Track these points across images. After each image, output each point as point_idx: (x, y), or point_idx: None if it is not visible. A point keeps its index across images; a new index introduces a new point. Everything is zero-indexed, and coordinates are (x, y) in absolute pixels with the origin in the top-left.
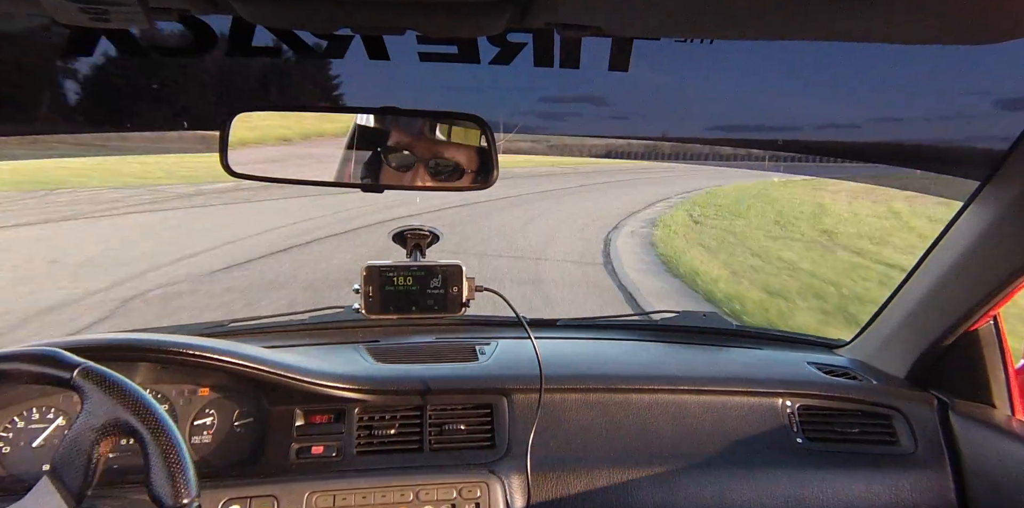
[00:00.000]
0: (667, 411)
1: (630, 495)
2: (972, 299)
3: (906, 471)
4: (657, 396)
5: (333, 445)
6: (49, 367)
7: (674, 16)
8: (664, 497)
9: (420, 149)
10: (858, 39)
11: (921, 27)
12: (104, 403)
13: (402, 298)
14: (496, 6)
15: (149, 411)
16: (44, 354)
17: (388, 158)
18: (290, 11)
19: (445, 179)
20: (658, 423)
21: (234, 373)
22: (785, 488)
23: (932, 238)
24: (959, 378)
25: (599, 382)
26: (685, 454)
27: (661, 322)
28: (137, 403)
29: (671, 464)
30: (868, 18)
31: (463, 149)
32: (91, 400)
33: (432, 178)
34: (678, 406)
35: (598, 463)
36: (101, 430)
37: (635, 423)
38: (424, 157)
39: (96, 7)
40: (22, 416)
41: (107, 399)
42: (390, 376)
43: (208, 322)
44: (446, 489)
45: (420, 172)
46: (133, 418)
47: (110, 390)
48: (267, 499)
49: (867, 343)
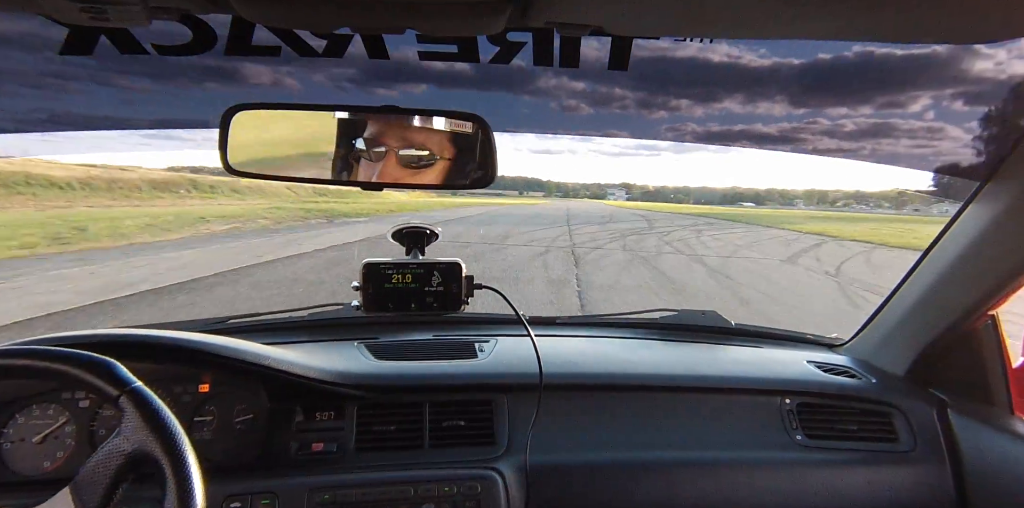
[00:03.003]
0: (667, 408)
1: (629, 491)
2: (971, 298)
3: (905, 469)
4: (657, 394)
5: (333, 442)
6: (102, 379)
7: (674, 15)
8: (663, 493)
9: (390, 137)
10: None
11: (921, 26)
12: (140, 430)
13: (401, 295)
14: (496, 5)
15: (177, 445)
16: (102, 364)
17: (361, 149)
18: (290, 10)
19: (421, 168)
20: (658, 420)
21: (234, 370)
22: (785, 485)
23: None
24: (958, 376)
25: (598, 380)
26: (684, 451)
27: (661, 320)
28: (170, 437)
29: (671, 460)
30: (869, 17)
31: (435, 134)
32: (129, 423)
33: (405, 167)
34: (678, 404)
35: (597, 460)
36: (131, 457)
37: (634, 420)
38: (394, 145)
39: (96, 6)
40: (24, 412)
41: (144, 427)
42: (390, 373)
43: (208, 319)
44: (446, 486)
45: (392, 161)
46: (161, 451)
47: (149, 418)
48: (267, 495)
49: (866, 341)
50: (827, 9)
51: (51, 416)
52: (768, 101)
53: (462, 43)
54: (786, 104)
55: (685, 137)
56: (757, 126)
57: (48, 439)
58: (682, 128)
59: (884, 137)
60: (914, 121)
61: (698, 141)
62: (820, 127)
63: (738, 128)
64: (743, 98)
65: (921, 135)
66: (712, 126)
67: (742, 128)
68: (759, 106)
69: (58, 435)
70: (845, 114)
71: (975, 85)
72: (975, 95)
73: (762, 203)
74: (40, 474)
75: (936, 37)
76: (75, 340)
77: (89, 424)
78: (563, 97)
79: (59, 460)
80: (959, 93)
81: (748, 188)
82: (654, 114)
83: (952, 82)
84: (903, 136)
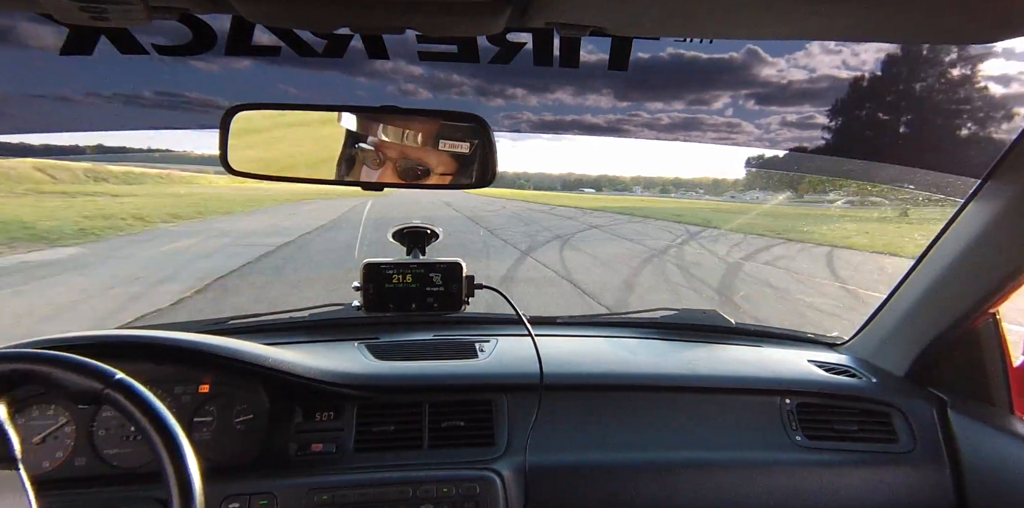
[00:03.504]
0: (667, 408)
1: (628, 492)
2: (972, 297)
3: (905, 468)
4: (657, 394)
5: (332, 442)
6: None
7: (673, 16)
8: (663, 494)
9: (389, 150)
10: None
11: (920, 26)
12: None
13: (402, 296)
14: (496, 6)
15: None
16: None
17: (361, 157)
18: (290, 10)
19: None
20: (657, 420)
21: (234, 370)
22: (784, 485)
23: None
24: (958, 376)
25: (599, 380)
26: (684, 451)
27: (661, 320)
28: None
29: (670, 461)
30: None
31: (433, 153)
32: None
33: (403, 176)
34: (678, 403)
35: (597, 460)
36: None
37: (634, 420)
38: (393, 158)
39: (96, 6)
40: (23, 413)
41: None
42: (389, 373)
43: (208, 319)
44: (444, 486)
45: (389, 170)
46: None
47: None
48: (266, 496)
49: (867, 341)
50: (827, 10)
51: (50, 416)
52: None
53: (462, 43)
54: (612, 97)
55: (521, 126)
56: (587, 117)
57: (48, 439)
58: (518, 116)
59: (694, 130)
60: (717, 117)
61: (534, 130)
62: (641, 120)
63: (570, 118)
64: (573, 90)
65: (723, 129)
66: (546, 115)
67: (573, 118)
68: (588, 98)
69: (58, 435)
70: (661, 109)
71: (763, 87)
72: (764, 96)
73: (600, 189)
74: (39, 474)
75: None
76: (74, 342)
77: (89, 424)
78: (401, 81)
79: (59, 460)
80: (751, 94)
81: (583, 174)
82: (492, 102)
83: (745, 84)
84: (709, 129)
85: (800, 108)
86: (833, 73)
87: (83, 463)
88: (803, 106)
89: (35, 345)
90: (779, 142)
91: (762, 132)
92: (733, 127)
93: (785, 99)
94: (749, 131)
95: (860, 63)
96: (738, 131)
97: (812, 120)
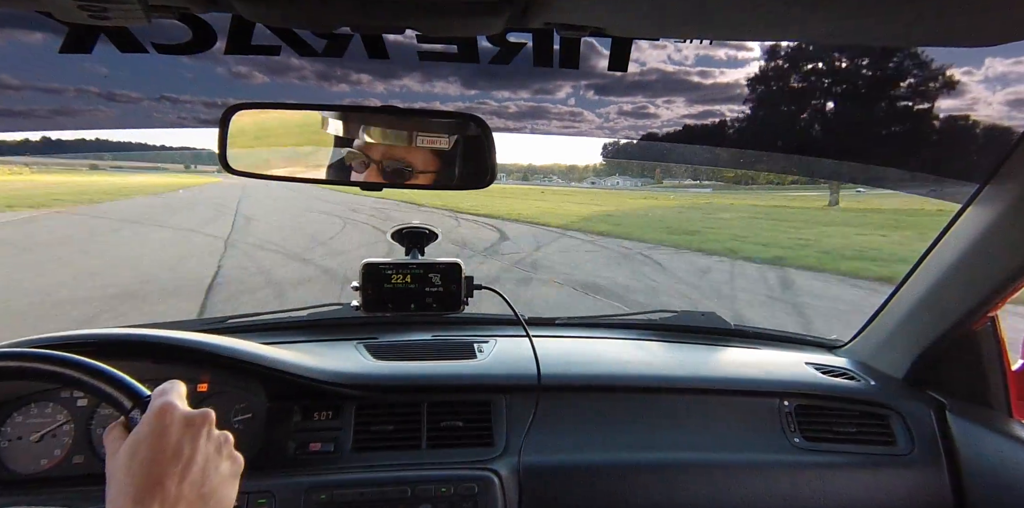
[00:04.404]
0: (665, 410)
1: (626, 493)
2: (970, 300)
3: (903, 471)
4: (655, 395)
5: (331, 442)
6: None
7: (673, 17)
8: (660, 496)
9: (373, 151)
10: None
11: (920, 29)
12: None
13: (400, 296)
14: (495, 6)
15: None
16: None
17: (347, 158)
18: (290, 10)
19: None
20: (655, 422)
21: (233, 370)
22: (782, 488)
23: None
24: (957, 379)
25: (597, 381)
26: (682, 452)
27: (659, 321)
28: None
29: (668, 463)
30: (869, 20)
31: (415, 151)
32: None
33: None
34: (676, 405)
35: (595, 461)
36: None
37: (632, 421)
38: (377, 159)
39: (96, 5)
40: (22, 411)
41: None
42: (388, 373)
43: (206, 318)
44: (443, 486)
45: (374, 172)
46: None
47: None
48: (264, 495)
49: (865, 343)
50: (827, 12)
51: (49, 415)
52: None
53: (462, 43)
54: (459, 85)
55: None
56: (435, 104)
57: (46, 438)
58: (364, 103)
59: (540, 118)
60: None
61: None
62: (489, 108)
63: (418, 105)
64: (421, 77)
65: (567, 117)
66: (394, 102)
67: (422, 106)
68: (436, 86)
69: (56, 434)
70: (508, 97)
71: (600, 79)
72: (601, 87)
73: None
74: (37, 472)
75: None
76: (74, 340)
77: (87, 423)
78: (232, 63)
79: (56, 458)
80: (590, 84)
81: None
82: (335, 87)
83: (584, 76)
84: (554, 118)
85: (634, 98)
86: (661, 67)
87: (81, 461)
88: (636, 97)
89: (36, 343)
90: (618, 130)
91: (602, 121)
92: (576, 116)
93: (621, 90)
94: (591, 120)
95: (682, 58)
96: (581, 120)
97: (645, 110)
